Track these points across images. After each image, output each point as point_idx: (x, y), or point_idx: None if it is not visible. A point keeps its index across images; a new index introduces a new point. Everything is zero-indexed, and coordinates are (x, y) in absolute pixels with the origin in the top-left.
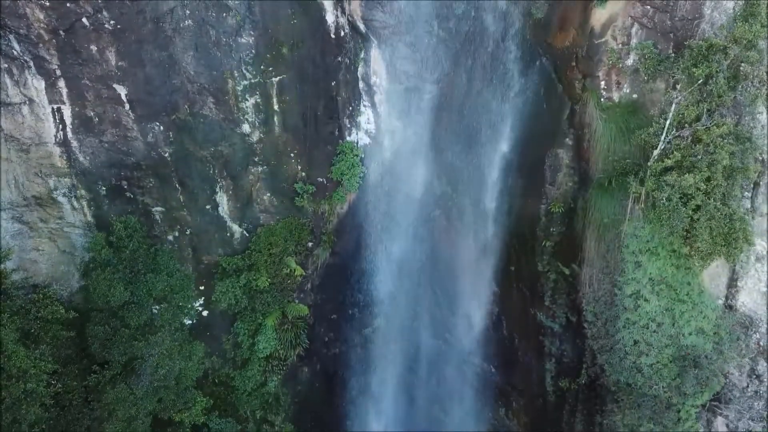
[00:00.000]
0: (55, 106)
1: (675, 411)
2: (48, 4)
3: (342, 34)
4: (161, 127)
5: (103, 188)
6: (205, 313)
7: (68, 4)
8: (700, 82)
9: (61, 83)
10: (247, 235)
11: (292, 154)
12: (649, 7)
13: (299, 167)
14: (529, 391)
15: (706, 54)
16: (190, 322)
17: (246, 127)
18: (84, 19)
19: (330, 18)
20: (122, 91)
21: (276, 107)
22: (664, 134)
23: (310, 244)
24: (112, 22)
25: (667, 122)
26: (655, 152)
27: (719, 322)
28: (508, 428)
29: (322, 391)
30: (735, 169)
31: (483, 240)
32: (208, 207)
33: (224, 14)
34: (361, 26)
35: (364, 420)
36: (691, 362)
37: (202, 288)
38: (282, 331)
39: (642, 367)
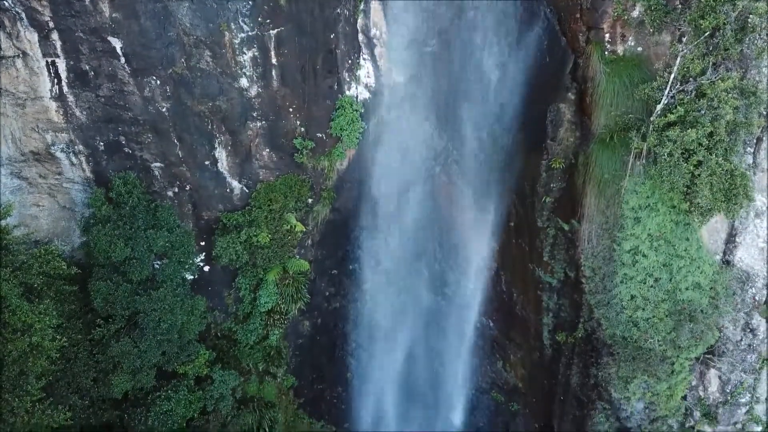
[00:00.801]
0: (49, 60)
1: (669, 363)
2: None
3: None
4: (158, 82)
5: (101, 144)
6: (206, 268)
7: None
8: (706, 34)
9: (55, 36)
10: (246, 191)
11: (290, 109)
12: None
13: (298, 122)
14: (526, 345)
15: (713, 5)
16: (191, 277)
17: (244, 82)
18: None
19: None
20: (117, 44)
21: (274, 61)
22: (667, 88)
23: (310, 200)
24: None
25: (672, 76)
26: (658, 107)
27: (716, 278)
28: (506, 380)
29: (323, 344)
30: (738, 124)
31: (483, 196)
32: (207, 163)
33: None
34: None
35: (363, 373)
36: (687, 316)
37: (202, 244)
38: (283, 286)
39: (638, 322)
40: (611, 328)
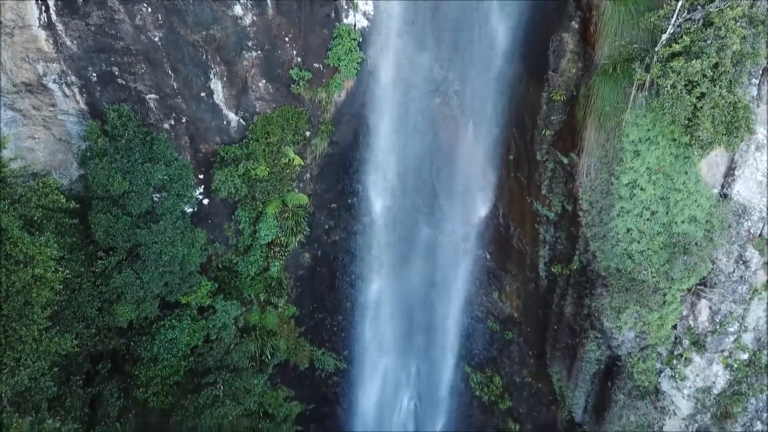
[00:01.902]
0: None
1: (661, 295)
2: None
3: None
4: (149, 9)
5: (94, 74)
6: (205, 201)
7: None
8: None
9: None
10: (243, 123)
11: (286, 39)
12: None
13: (294, 52)
14: (522, 276)
15: None
16: (190, 210)
17: (238, 9)
18: None
19: None
20: None
21: None
22: (674, 17)
23: (307, 133)
24: None
25: (679, 4)
26: (664, 36)
27: (712, 211)
28: (501, 310)
29: (323, 275)
30: (745, 54)
31: (483, 129)
32: (202, 94)
33: None
34: None
35: (363, 302)
36: (681, 249)
37: (201, 177)
38: (283, 219)
39: (633, 254)
40: (606, 260)
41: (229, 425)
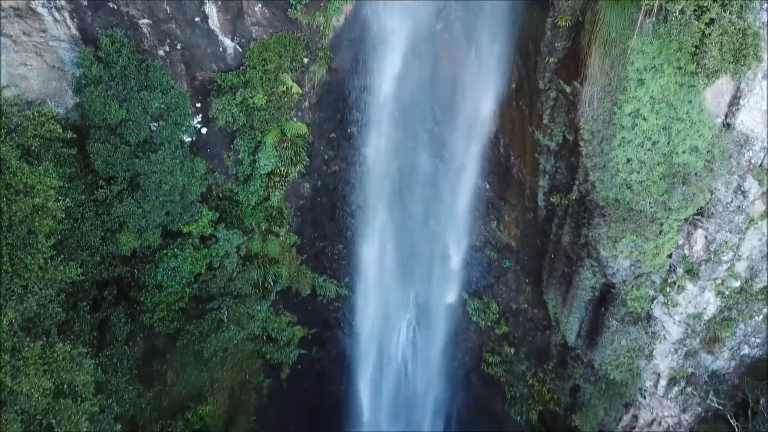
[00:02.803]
0: None
1: (658, 224)
2: None
3: None
4: None
5: None
6: (204, 130)
7: None
8: None
9: None
10: (240, 50)
11: None
12: None
13: None
14: (521, 206)
15: None
16: (189, 139)
17: None
18: None
19: None
20: None
21: None
22: None
23: (305, 60)
24: None
25: None
26: None
27: (714, 141)
28: (499, 239)
29: (323, 204)
30: None
31: (485, 56)
32: (197, 19)
33: None
34: None
35: (363, 231)
36: (680, 179)
37: (198, 105)
38: (282, 149)
39: (632, 184)
40: (605, 190)
41: (234, 349)
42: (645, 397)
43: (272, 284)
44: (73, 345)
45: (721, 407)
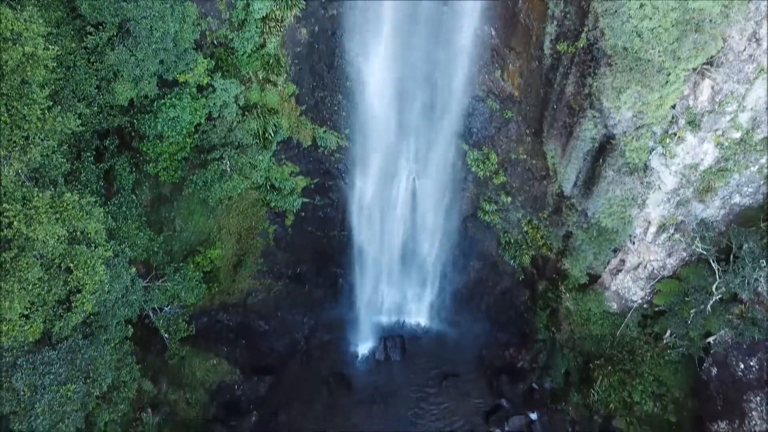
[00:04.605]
0: None
1: (665, 74)
2: None
3: None
4: None
5: None
6: None
7: None
8: None
9: None
10: None
11: None
12: None
13: None
14: (526, 54)
15: None
16: None
17: None
18: None
19: None
20: None
21: None
22: None
23: None
24: None
25: None
26: None
27: None
28: (502, 88)
29: (321, 52)
30: None
31: None
32: None
33: None
34: None
35: (363, 81)
36: (694, 26)
37: None
38: None
39: (642, 31)
40: (614, 38)
41: (239, 197)
42: (633, 243)
43: (273, 134)
44: (81, 194)
45: (705, 252)
